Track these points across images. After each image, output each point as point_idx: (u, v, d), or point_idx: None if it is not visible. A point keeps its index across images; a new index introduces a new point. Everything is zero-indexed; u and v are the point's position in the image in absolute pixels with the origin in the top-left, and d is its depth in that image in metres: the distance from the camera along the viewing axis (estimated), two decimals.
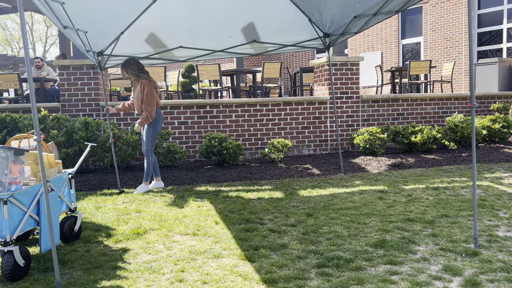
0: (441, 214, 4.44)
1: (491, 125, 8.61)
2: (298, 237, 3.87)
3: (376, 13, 5.35)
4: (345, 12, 5.75)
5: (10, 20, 44.92)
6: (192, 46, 6.56)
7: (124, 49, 6.27)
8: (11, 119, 6.90)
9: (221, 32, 6.32)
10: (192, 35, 6.30)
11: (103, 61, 6.26)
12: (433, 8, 14.82)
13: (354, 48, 17.57)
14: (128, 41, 6.08)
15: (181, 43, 6.44)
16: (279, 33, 6.55)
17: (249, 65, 21.73)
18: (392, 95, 8.99)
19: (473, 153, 3.52)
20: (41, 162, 2.96)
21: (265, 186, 6.01)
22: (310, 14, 6.19)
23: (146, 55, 6.57)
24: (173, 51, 6.62)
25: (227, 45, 6.73)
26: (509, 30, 13.33)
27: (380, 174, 6.55)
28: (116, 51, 6.23)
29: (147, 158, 5.86)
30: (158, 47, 6.46)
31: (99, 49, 6.02)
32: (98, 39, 5.79)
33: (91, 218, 4.64)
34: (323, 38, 6.71)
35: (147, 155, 5.85)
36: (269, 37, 6.65)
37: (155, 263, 3.39)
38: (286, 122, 8.46)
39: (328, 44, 6.75)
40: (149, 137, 5.78)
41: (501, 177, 6.08)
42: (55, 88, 9.76)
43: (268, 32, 6.51)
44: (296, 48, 6.97)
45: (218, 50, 6.81)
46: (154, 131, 5.80)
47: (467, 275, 3.00)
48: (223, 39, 6.52)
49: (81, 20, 5.19)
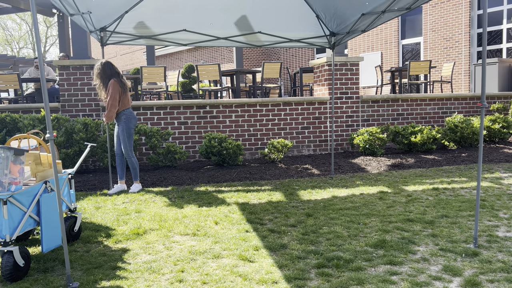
0: (441, 214, 4.44)
1: (491, 125, 8.61)
2: (298, 237, 3.87)
3: (385, 11, 5.25)
4: (354, 10, 5.67)
5: (10, 20, 44.92)
6: (196, 30, 6.52)
7: (127, 28, 6.25)
8: (11, 119, 6.90)
9: (226, 20, 6.28)
10: (196, 19, 6.26)
11: (105, 37, 6.20)
12: (433, 9, 14.82)
13: (354, 48, 17.57)
14: (132, 21, 6.05)
15: (185, 26, 6.41)
16: (285, 27, 6.52)
17: (249, 65, 21.73)
18: (392, 95, 8.99)
19: (479, 154, 3.52)
20: (53, 154, 2.96)
21: (265, 186, 6.01)
22: (318, 10, 6.15)
23: (149, 35, 6.53)
24: (177, 33, 6.57)
25: (231, 33, 6.69)
26: (509, 31, 13.33)
27: (380, 174, 6.55)
28: (120, 29, 6.20)
29: (129, 159, 5.88)
30: (161, 29, 6.42)
31: (102, 25, 6.00)
32: (103, 18, 5.79)
33: (91, 218, 4.64)
34: (329, 37, 6.68)
35: (128, 156, 5.87)
36: (275, 30, 6.62)
37: (155, 263, 3.39)
38: (286, 122, 8.46)
39: (333, 43, 6.72)
40: (125, 138, 5.82)
41: (501, 177, 6.08)
42: (55, 88, 9.76)
43: (274, 25, 6.47)
44: (301, 44, 6.91)
45: (222, 38, 6.76)
46: (128, 131, 5.82)
47: (467, 276, 2.99)
48: (227, 27, 6.49)
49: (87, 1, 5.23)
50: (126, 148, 5.85)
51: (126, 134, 5.83)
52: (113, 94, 5.66)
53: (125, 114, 5.82)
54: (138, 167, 5.98)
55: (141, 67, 9.40)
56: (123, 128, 5.82)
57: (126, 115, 5.82)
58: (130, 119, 5.84)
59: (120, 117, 5.82)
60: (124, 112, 5.82)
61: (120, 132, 5.85)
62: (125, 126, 5.83)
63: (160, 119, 7.93)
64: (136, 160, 5.96)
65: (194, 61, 24.49)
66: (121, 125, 5.83)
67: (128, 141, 5.85)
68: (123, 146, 5.85)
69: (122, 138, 5.83)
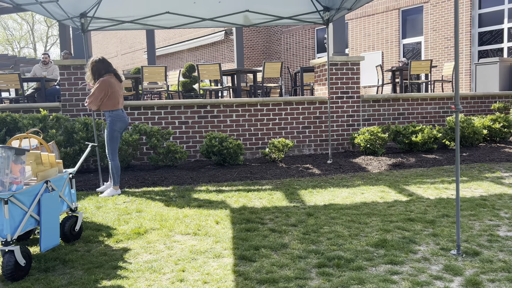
0: (442, 214, 4.44)
1: (491, 124, 8.60)
2: (298, 237, 3.87)
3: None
4: None
5: (11, 20, 44.95)
6: (179, 12, 6.26)
7: (108, 12, 5.98)
8: (11, 119, 6.91)
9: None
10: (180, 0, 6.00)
11: (86, 23, 5.94)
12: (433, 8, 14.80)
13: (355, 47, 17.56)
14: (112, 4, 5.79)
15: (168, 8, 6.16)
16: (274, 2, 6.20)
17: (250, 65, 21.73)
18: (393, 95, 8.98)
19: (456, 158, 3.51)
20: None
21: (266, 185, 6.01)
22: None
23: (131, 19, 6.27)
24: (160, 16, 6.31)
25: (217, 13, 6.41)
26: (509, 30, 13.32)
27: (380, 174, 6.55)
28: (100, 14, 5.95)
29: (111, 161, 5.75)
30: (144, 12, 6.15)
31: (81, 11, 5.71)
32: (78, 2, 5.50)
33: (92, 218, 4.64)
34: (322, 12, 6.39)
35: (109, 158, 5.75)
36: (264, 6, 6.29)
37: (156, 262, 3.39)
38: (287, 121, 8.46)
39: (327, 19, 6.53)
40: (108, 139, 5.70)
41: (502, 176, 6.08)
42: (55, 88, 9.77)
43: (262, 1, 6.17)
44: (293, 21, 6.63)
45: (208, 19, 6.51)
46: (112, 133, 5.67)
47: (468, 275, 2.99)
48: (212, 4, 6.19)
49: None
50: (108, 149, 5.72)
51: (109, 136, 5.69)
52: (96, 94, 5.52)
53: (111, 116, 5.65)
54: (119, 172, 5.81)
55: (142, 66, 9.41)
56: (108, 131, 5.71)
57: (111, 117, 5.65)
58: (115, 122, 5.66)
59: (106, 118, 5.71)
60: (110, 114, 5.66)
61: (107, 132, 5.73)
62: (109, 129, 5.69)
63: (160, 118, 7.93)
64: (118, 164, 5.79)
65: (194, 60, 24.50)
66: (107, 127, 5.73)
67: (111, 144, 5.70)
68: (106, 147, 5.76)
69: (106, 140, 5.72)
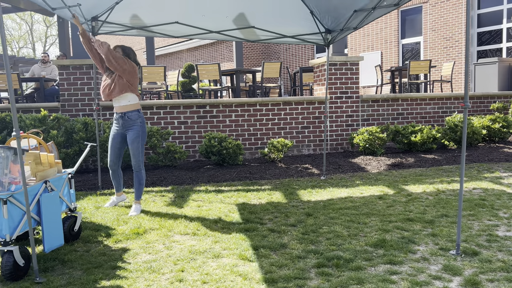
0: (441, 213, 4.44)
1: (490, 124, 8.61)
2: (298, 237, 3.87)
3: (375, 7, 5.30)
4: (346, 6, 5.68)
5: (10, 19, 44.90)
6: (188, 23, 6.40)
7: (119, 18, 6.14)
8: (11, 119, 6.90)
9: (218, 11, 6.12)
10: (189, 10, 6.13)
11: (96, 27, 6.08)
12: (433, 8, 14.81)
13: (354, 47, 17.56)
14: (124, 11, 5.94)
15: (178, 18, 6.30)
16: (279, 21, 6.39)
17: (249, 65, 21.73)
18: (392, 95, 8.99)
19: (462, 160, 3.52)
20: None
21: (265, 186, 6.01)
22: (311, 6, 6.10)
23: (140, 26, 6.42)
24: (169, 25, 6.45)
25: (224, 27, 6.57)
26: (508, 30, 13.33)
27: (380, 174, 6.55)
28: (111, 19, 6.11)
29: (139, 171, 4.88)
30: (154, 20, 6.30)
31: (93, 15, 5.89)
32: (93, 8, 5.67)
33: (91, 218, 4.64)
34: (324, 34, 6.62)
35: (139, 169, 4.87)
36: (268, 25, 6.49)
37: (155, 263, 3.39)
38: (286, 122, 8.46)
39: (329, 41, 6.68)
40: (139, 146, 4.79)
41: (501, 176, 6.08)
42: (55, 88, 9.76)
43: (269, 19, 6.35)
44: (295, 40, 6.82)
45: (214, 31, 6.62)
46: (144, 137, 4.82)
47: (467, 275, 3.00)
48: (220, 19, 6.34)
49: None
50: (139, 159, 4.74)
51: (142, 142, 4.73)
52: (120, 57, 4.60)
53: (140, 116, 4.73)
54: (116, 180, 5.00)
55: (141, 66, 9.41)
56: (138, 133, 4.69)
57: (141, 118, 4.73)
58: (144, 122, 4.78)
59: (134, 119, 4.69)
60: (139, 114, 4.72)
61: (133, 138, 4.69)
62: (142, 132, 4.71)
63: (160, 118, 7.93)
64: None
65: (194, 60, 24.49)
66: (135, 129, 4.69)
67: (142, 150, 4.74)
68: (134, 156, 4.72)
69: (136, 146, 4.68)
